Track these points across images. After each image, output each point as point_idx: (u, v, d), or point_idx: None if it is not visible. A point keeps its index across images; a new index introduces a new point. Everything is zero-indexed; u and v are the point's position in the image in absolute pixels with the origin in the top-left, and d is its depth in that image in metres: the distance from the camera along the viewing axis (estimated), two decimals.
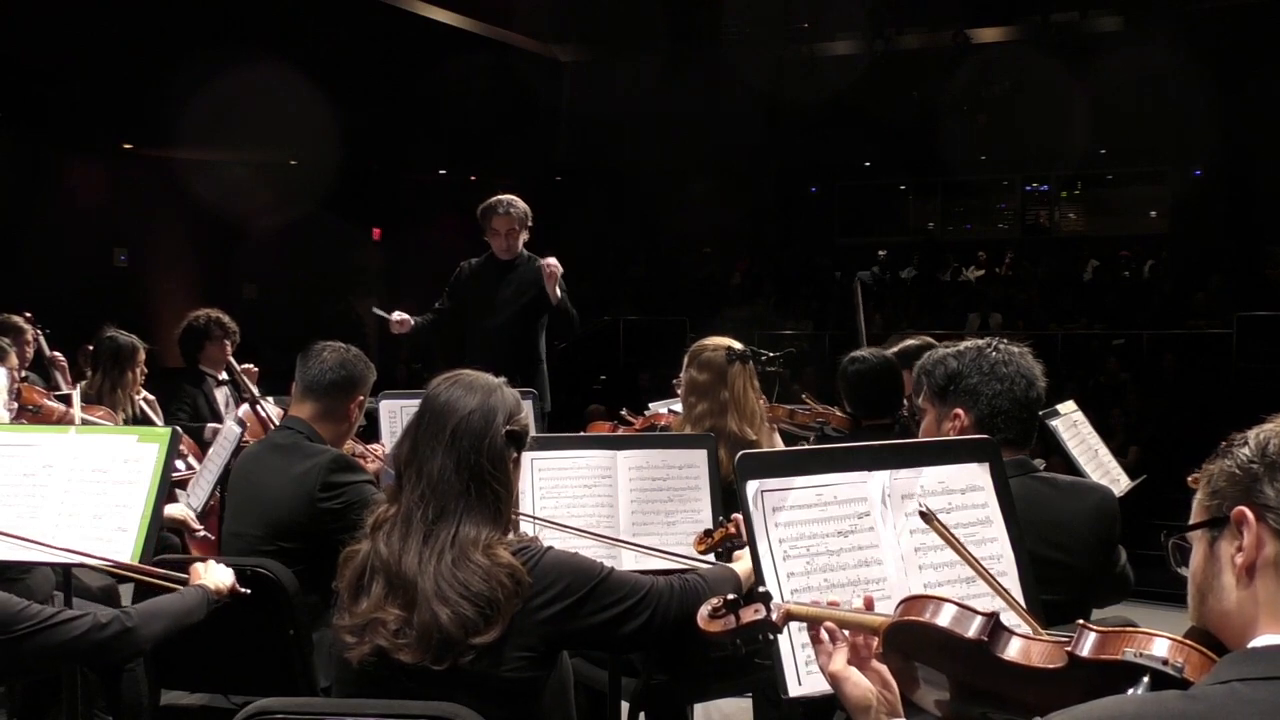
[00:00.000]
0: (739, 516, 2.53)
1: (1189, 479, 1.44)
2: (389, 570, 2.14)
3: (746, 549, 2.59)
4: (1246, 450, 1.38)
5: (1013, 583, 2.04)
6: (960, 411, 2.53)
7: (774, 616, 1.74)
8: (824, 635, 1.72)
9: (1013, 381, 2.53)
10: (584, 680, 3.10)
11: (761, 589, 1.79)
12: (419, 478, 2.18)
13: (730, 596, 1.79)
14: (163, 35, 10.51)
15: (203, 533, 3.96)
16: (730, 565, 2.52)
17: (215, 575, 2.72)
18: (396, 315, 5.73)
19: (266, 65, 10.19)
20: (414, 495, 2.18)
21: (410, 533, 2.15)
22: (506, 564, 2.11)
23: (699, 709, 3.79)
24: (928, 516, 1.86)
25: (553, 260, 5.51)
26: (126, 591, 3.46)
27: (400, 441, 2.31)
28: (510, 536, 2.21)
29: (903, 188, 19.10)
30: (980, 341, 2.60)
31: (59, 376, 6.10)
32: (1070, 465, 4.30)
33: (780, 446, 3.88)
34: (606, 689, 2.90)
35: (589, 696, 3.18)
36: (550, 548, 2.23)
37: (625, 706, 3.08)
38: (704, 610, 1.80)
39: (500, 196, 5.78)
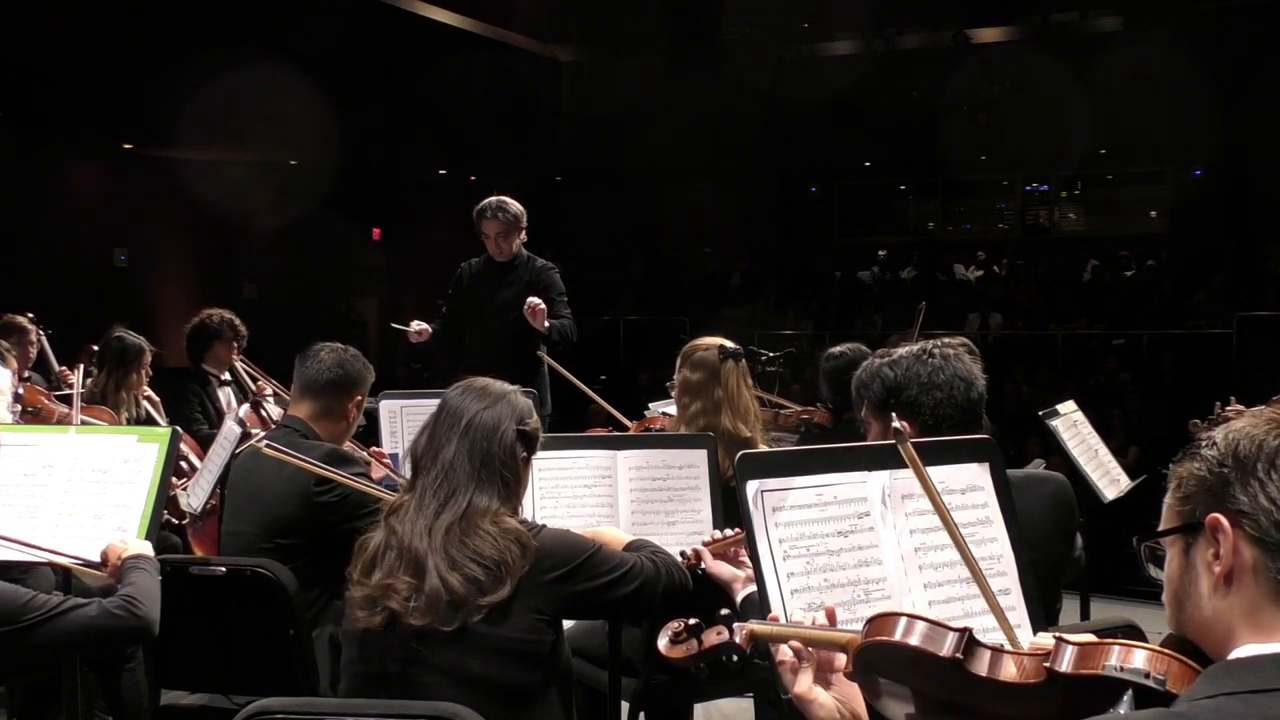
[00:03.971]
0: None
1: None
2: (401, 545, 2.27)
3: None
4: (1215, 452, 1.31)
5: (1012, 583, 2.05)
6: (904, 424, 2.50)
7: (738, 638, 1.70)
8: (787, 654, 1.67)
9: (952, 387, 2.45)
10: (584, 680, 3.09)
11: (724, 612, 1.74)
12: (433, 464, 2.35)
13: (692, 621, 1.74)
14: (163, 35, 10.51)
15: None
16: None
17: (140, 546, 2.68)
18: (415, 325, 5.60)
19: (267, 65, 10.19)
20: (427, 479, 2.34)
21: (422, 511, 2.30)
22: (513, 530, 2.28)
23: (699, 709, 3.79)
24: (900, 435, 1.78)
25: (534, 300, 5.29)
26: None
27: (418, 436, 2.46)
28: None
29: (903, 188, 19.08)
30: (915, 348, 2.51)
31: (65, 387, 6.06)
32: (1070, 465, 4.32)
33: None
34: (606, 689, 2.90)
35: (589, 696, 3.18)
36: (544, 526, 2.40)
37: (625, 706, 3.08)
38: (664, 637, 1.75)
39: (491, 199, 5.65)
